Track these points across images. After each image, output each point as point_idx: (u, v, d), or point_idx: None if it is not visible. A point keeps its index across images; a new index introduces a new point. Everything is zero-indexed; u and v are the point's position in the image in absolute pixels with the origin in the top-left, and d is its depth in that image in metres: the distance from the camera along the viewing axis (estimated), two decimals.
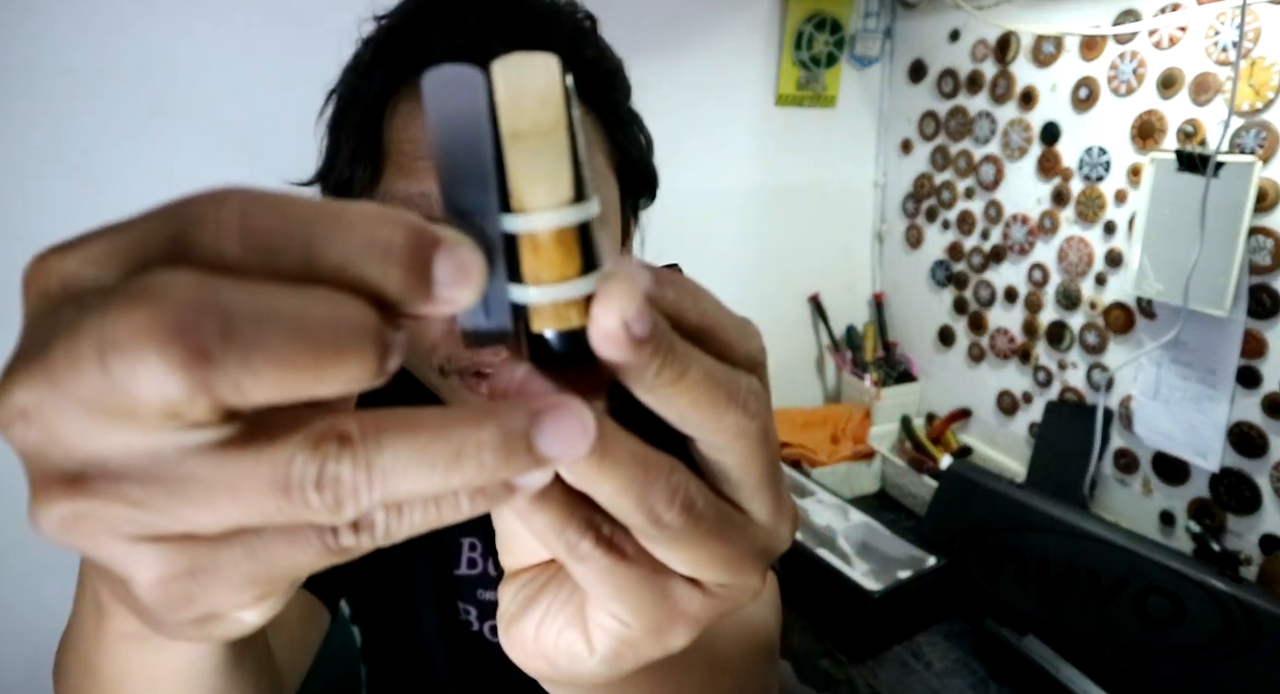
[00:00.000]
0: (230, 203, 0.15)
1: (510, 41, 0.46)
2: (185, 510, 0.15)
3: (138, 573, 0.16)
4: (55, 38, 0.86)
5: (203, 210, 0.15)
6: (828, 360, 1.57)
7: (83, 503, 0.15)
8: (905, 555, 1.05)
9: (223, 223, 0.15)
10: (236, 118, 0.96)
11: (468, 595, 0.63)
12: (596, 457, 0.18)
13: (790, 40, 1.32)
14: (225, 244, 0.15)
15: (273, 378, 0.14)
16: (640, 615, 0.21)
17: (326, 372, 0.14)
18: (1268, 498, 0.97)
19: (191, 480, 0.15)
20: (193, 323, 0.13)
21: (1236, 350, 0.96)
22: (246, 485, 0.15)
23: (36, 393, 0.14)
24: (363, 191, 0.48)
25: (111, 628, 0.24)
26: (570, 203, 0.17)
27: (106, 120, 0.90)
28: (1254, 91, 0.91)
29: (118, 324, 0.13)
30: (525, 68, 0.17)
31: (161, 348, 0.13)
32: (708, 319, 0.19)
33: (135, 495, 0.15)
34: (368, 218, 0.16)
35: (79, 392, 0.14)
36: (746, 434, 0.19)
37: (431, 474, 0.16)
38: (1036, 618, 0.98)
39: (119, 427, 0.14)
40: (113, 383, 0.13)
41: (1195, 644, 0.86)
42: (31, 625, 0.98)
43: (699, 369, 0.18)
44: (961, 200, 1.36)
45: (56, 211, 0.90)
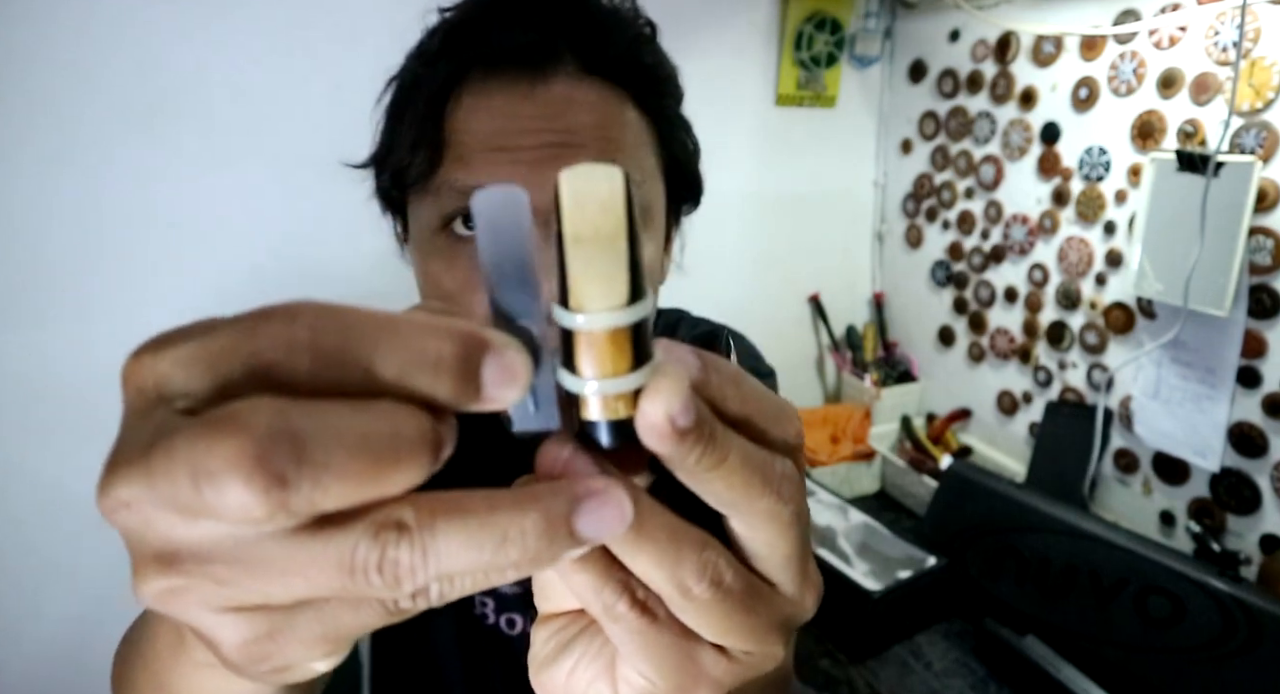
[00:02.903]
0: (302, 321, 0.18)
1: (575, 43, 0.47)
2: (263, 586, 0.17)
3: (223, 636, 0.19)
4: (55, 38, 0.86)
5: (278, 329, 0.18)
6: (828, 360, 1.57)
7: (175, 579, 0.18)
8: (905, 555, 1.05)
9: (295, 342, 0.17)
10: (236, 118, 0.96)
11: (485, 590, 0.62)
12: (633, 532, 0.19)
13: (790, 40, 1.32)
14: (297, 362, 0.17)
15: (341, 491, 0.16)
16: (666, 676, 0.22)
17: (387, 479, 0.17)
18: (1268, 498, 0.97)
19: (268, 562, 0.17)
20: (271, 452, 0.15)
21: (1236, 350, 0.96)
22: (316, 567, 0.17)
23: (136, 491, 0.17)
24: (419, 178, 0.49)
25: (191, 658, 0.26)
26: (625, 305, 0.19)
27: (106, 120, 0.90)
28: (1254, 91, 0.91)
29: (209, 453, 0.15)
30: (590, 177, 0.18)
31: (246, 477, 0.15)
32: (748, 406, 0.21)
33: (220, 574, 0.17)
34: (421, 330, 0.18)
35: (173, 499, 0.16)
36: (779, 517, 0.21)
37: (480, 555, 0.18)
38: (1036, 618, 0.98)
39: (206, 523, 0.17)
40: (203, 499, 0.16)
41: (1195, 644, 0.86)
42: (32, 630, 0.98)
43: (737, 456, 0.20)
44: (961, 200, 1.36)
45: (57, 211, 0.90)
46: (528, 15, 0.48)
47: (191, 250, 0.98)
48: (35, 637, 0.98)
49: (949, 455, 1.30)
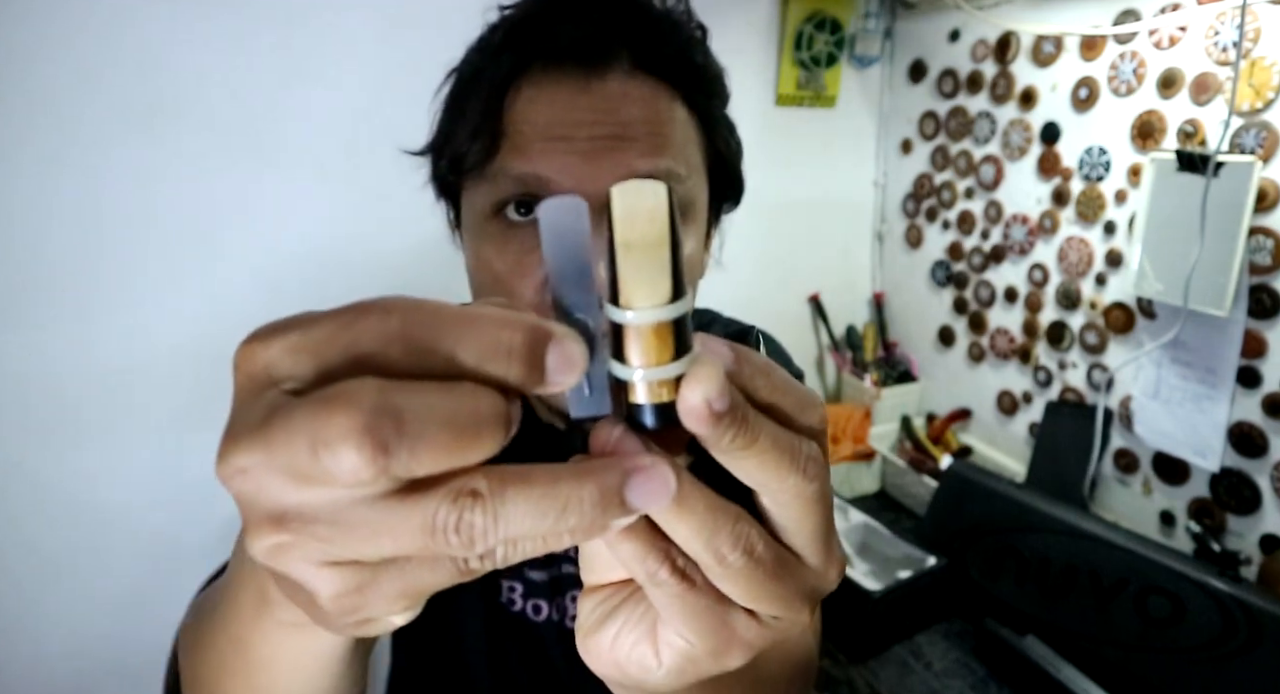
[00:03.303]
0: (395, 315, 0.20)
1: (629, 42, 0.50)
2: (358, 544, 0.20)
3: (321, 588, 0.22)
4: (55, 38, 0.86)
5: (374, 322, 0.20)
6: (828, 360, 1.57)
7: (284, 537, 0.20)
8: (905, 555, 1.05)
9: (389, 333, 0.20)
10: (236, 118, 0.96)
11: (513, 572, 0.62)
12: (675, 505, 0.22)
13: (790, 40, 1.32)
14: (391, 350, 0.20)
15: (431, 459, 0.19)
16: (703, 637, 0.25)
17: (470, 450, 0.20)
18: (1268, 498, 0.97)
19: (364, 523, 0.20)
20: (377, 424, 0.18)
21: (1237, 350, 0.96)
22: (403, 529, 0.20)
23: (253, 459, 0.20)
24: (475, 165, 0.50)
25: (273, 617, 0.29)
26: (667, 303, 0.22)
27: (106, 120, 0.90)
28: (1254, 91, 0.91)
29: (326, 424, 0.18)
30: (639, 192, 0.22)
31: (357, 445, 0.18)
32: (777, 394, 0.24)
33: (322, 533, 0.20)
34: (495, 322, 0.21)
35: (290, 465, 0.19)
36: (804, 494, 0.23)
37: (543, 522, 0.20)
38: (1036, 618, 0.98)
39: (314, 487, 0.20)
40: (319, 465, 0.19)
41: (1195, 644, 0.86)
42: (31, 630, 0.98)
43: (767, 437, 0.22)
44: (961, 200, 1.36)
45: (57, 212, 0.90)
46: (586, 14, 0.50)
47: (191, 250, 0.98)
48: (35, 637, 0.98)
49: (949, 455, 1.30)
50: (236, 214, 0.99)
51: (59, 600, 0.99)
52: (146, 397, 0.99)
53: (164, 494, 1.02)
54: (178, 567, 0.93)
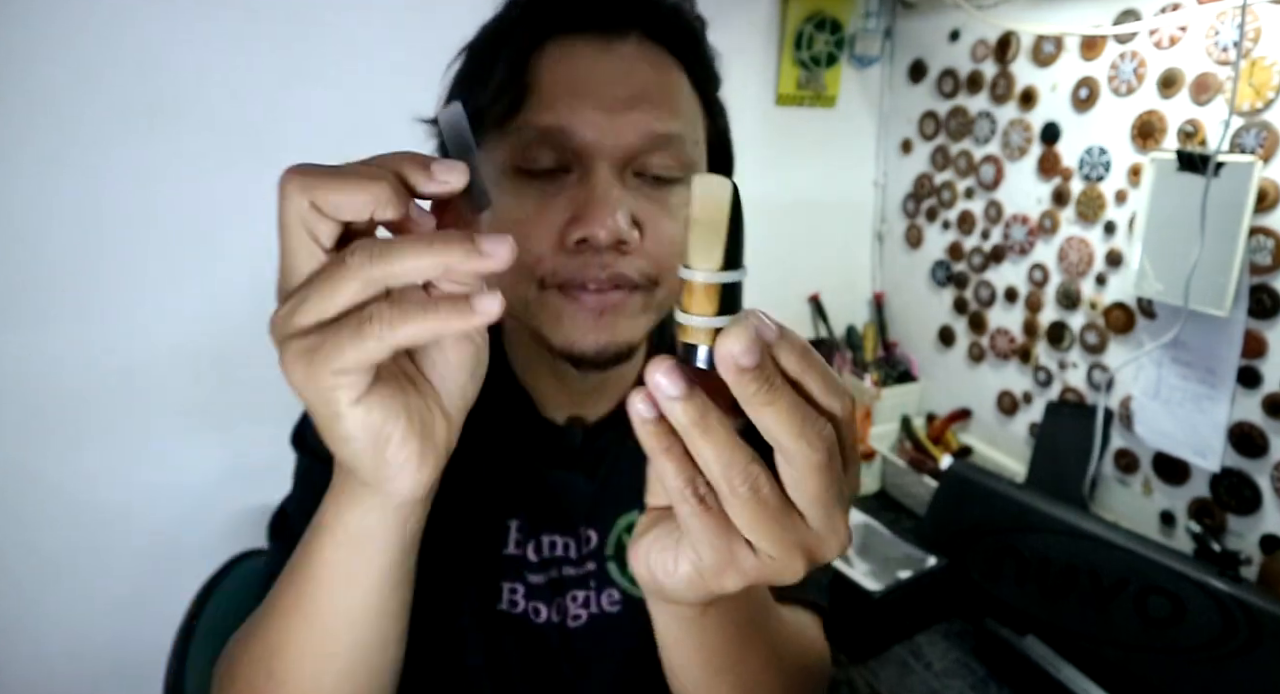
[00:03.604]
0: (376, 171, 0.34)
1: (644, 14, 0.54)
2: (325, 300, 0.32)
3: (288, 351, 0.33)
4: (55, 38, 0.86)
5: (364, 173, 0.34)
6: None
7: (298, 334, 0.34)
8: (905, 555, 1.05)
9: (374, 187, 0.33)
10: (237, 118, 0.96)
11: (514, 574, 0.63)
12: (702, 429, 0.28)
13: (790, 40, 1.32)
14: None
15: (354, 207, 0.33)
16: (707, 555, 0.31)
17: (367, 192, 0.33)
18: (1268, 498, 0.97)
19: (316, 282, 0.33)
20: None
21: (1237, 350, 0.96)
22: (334, 275, 0.32)
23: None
24: (498, 120, 0.53)
25: (325, 540, 0.41)
26: (719, 269, 0.28)
27: (106, 120, 0.90)
28: (1254, 91, 0.91)
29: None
30: (711, 183, 0.28)
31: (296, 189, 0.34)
32: (805, 374, 0.29)
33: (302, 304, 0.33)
34: (403, 157, 0.34)
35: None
36: (809, 459, 0.28)
37: (420, 260, 0.31)
38: (1037, 618, 0.98)
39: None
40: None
41: (1195, 644, 0.86)
42: (31, 630, 0.98)
43: (785, 400, 0.28)
44: (961, 200, 1.36)
45: (57, 211, 0.90)
46: None
47: (191, 250, 0.98)
48: (35, 636, 0.98)
49: (949, 455, 1.30)
50: (236, 214, 0.99)
51: (59, 600, 0.99)
52: (146, 397, 0.99)
53: (164, 494, 1.02)
54: (178, 567, 0.92)
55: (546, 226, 0.51)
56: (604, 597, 0.65)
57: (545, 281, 0.53)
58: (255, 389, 0.99)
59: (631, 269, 0.52)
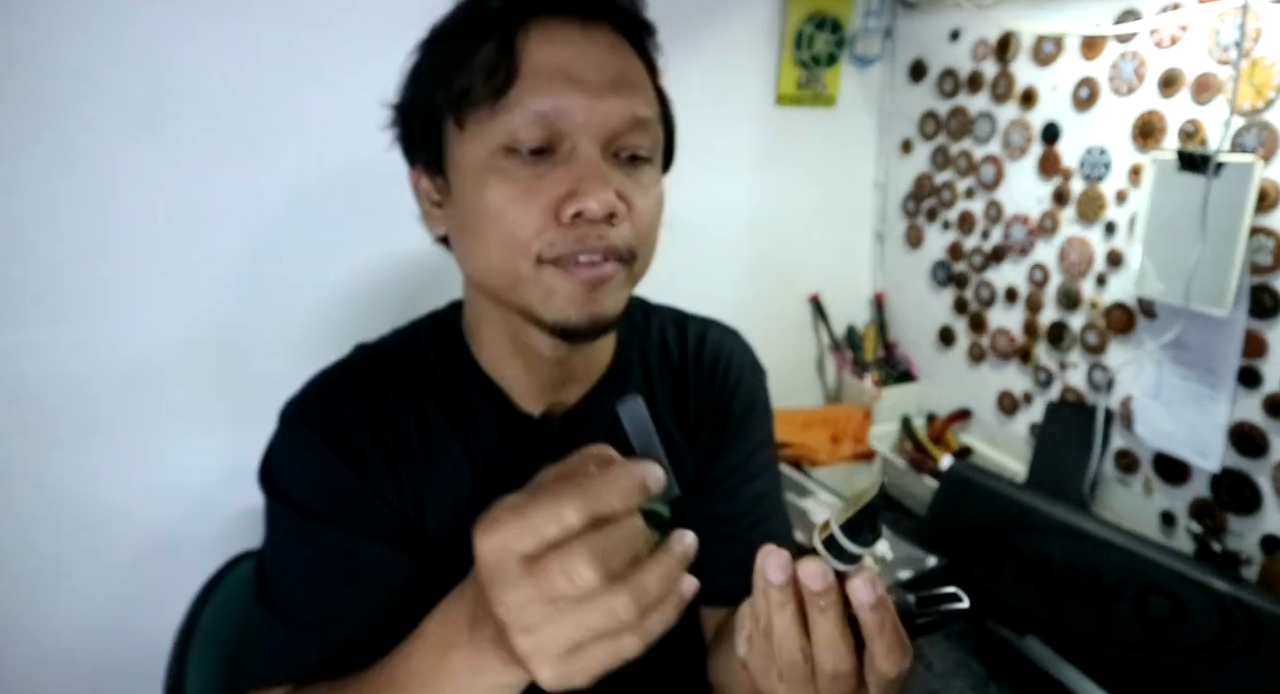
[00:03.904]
0: (570, 505, 0.39)
1: (612, 5, 0.57)
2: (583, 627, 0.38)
3: (547, 663, 0.40)
4: (55, 37, 0.86)
5: (568, 510, 0.38)
6: (828, 360, 1.57)
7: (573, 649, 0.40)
8: (905, 556, 1.05)
9: (573, 519, 0.39)
10: (237, 117, 0.96)
11: None
12: (819, 609, 0.41)
13: (790, 39, 1.32)
14: (577, 522, 0.39)
15: (621, 563, 0.40)
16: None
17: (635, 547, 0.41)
18: (1268, 498, 0.97)
19: (587, 612, 0.38)
20: (598, 556, 0.38)
21: (1237, 350, 0.96)
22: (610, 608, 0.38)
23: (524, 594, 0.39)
24: (485, 100, 0.54)
25: (449, 685, 0.47)
26: (856, 539, 0.42)
27: (106, 120, 0.90)
28: (1255, 91, 0.91)
29: (572, 560, 0.38)
30: (859, 482, 0.38)
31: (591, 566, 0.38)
32: (876, 635, 0.40)
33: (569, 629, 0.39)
34: (619, 483, 0.40)
35: (550, 591, 0.38)
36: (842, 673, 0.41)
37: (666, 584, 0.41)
38: (1037, 618, 0.98)
39: (564, 604, 0.38)
40: (571, 584, 0.38)
41: (1196, 645, 0.86)
42: (30, 631, 0.98)
43: (834, 618, 0.40)
44: (962, 200, 1.36)
45: (57, 211, 0.90)
46: None
47: (191, 251, 0.98)
48: (33, 637, 0.98)
49: (949, 455, 1.30)
50: (237, 214, 0.99)
51: (59, 601, 0.99)
52: (147, 397, 0.99)
53: (164, 494, 1.02)
54: (178, 567, 0.92)
55: (540, 202, 0.54)
56: None
57: (542, 256, 0.55)
58: (255, 389, 0.99)
59: (620, 240, 0.56)
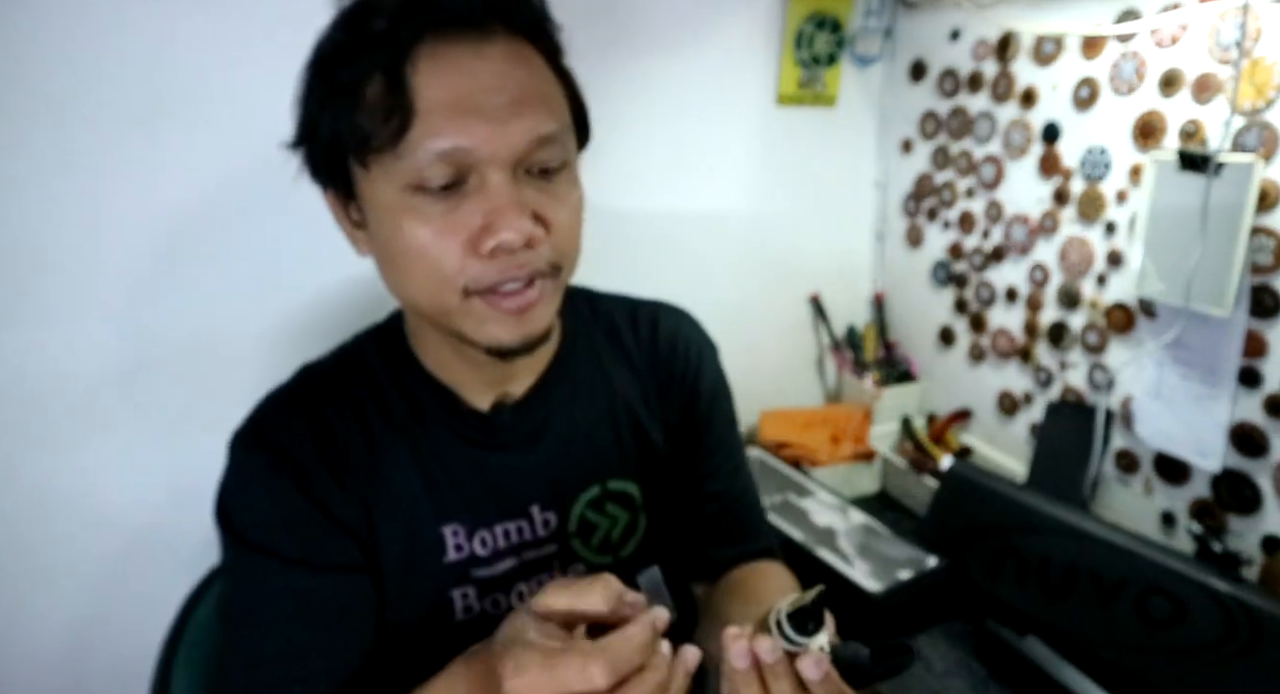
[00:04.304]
0: (596, 667, 0.44)
1: (502, 7, 0.54)
2: None
3: None
4: (54, 37, 0.86)
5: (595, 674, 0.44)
6: (828, 360, 1.57)
7: None
8: (906, 556, 1.05)
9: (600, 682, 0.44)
10: (236, 117, 0.96)
11: (460, 580, 0.65)
12: (774, 676, 0.48)
13: (791, 39, 1.32)
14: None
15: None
16: None
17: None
18: (1269, 498, 0.96)
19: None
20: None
21: (1238, 350, 0.96)
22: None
23: None
24: (387, 145, 0.52)
25: None
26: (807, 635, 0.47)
27: (106, 120, 0.89)
28: (1255, 91, 0.91)
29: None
30: (799, 600, 0.47)
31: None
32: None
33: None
34: (633, 644, 0.45)
35: None
36: None
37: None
38: (1037, 619, 0.97)
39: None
40: None
41: (1196, 645, 0.86)
42: (28, 631, 0.98)
43: (786, 685, 0.47)
44: (962, 200, 1.36)
45: (56, 211, 0.90)
46: None
47: (191, 251, 0.98)
48: (31, 638, 0.98)
49: (949, 456, 1.30)
50: (237, 213, 0.99)
51: (56, 602, 0.99)
52: (146, 397, 0.99)
53: (164, 495, 1.02)
54: (177, 567, 0.92)
55: (458, 239, 0.53)
56: (570, 574, 0.68)
57: (468, 289, 0.55)
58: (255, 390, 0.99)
59: (542, 261, 0.56)
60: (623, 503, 0.71)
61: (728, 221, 1.39)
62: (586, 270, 0.78)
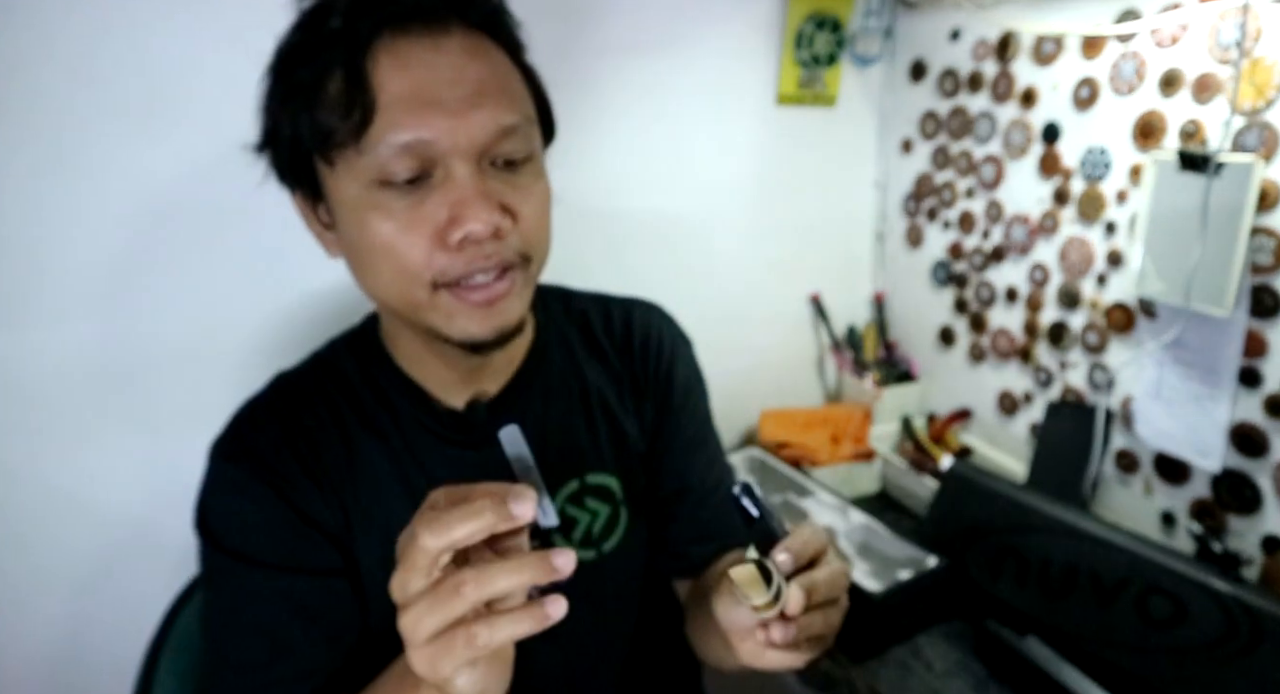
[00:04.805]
0: (438, 529, 0.43)
1: (458, 8, 0.54)
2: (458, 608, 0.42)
3: (419, 655, 0.43)
4: (52, 36, 0.85)
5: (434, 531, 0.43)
6: (828, 360, 1.57)
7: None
8: (906, 556, 1.05)
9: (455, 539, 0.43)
10: (236, 117, 0.96)
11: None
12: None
13: (791, 39, 1.32)
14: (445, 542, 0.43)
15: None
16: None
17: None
18: (1269, 498, 0.96)
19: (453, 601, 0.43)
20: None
21: (1238, 350, 0.96)
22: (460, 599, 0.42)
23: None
24: (349, 140, 0.53)
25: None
26: (767, 596, 0.49)
27: (105, 119, 0.89)
28: (1255, 91, 0.91)
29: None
30: (740, 571, 0.49)
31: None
32: (820, 591, 0.51)
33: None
34: (481, 505, 0.43)
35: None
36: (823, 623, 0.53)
37: (509, 580, 0.43)
38: (1037, 619, 0.97)
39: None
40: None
41: (1197, 645, 0.86)
42: (28, 631, 0.98)
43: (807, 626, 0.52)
44: (962, 200, 1.36)
45: (54, 211, 0.90)
46: None
47: (191, 251, 0.98)
48: (31, 637, 0.98)
49: (949, 456, 1.30)
50: (237, 213, 0.99)
51: (58, 601, 0.98)
52: (146, 396, 0.99)
53: (164, 495, 1.02)
54: (177, 568, 0.92)
55: (425, 232, 0.54)
56: None
57: (436, 282, 0.55)
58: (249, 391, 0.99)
59: (510, 252, 0.56)
60: (602, 497, 0.72)
61: (728, 221, 1.39)
62: (587, 270, 0.78)
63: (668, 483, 0.76)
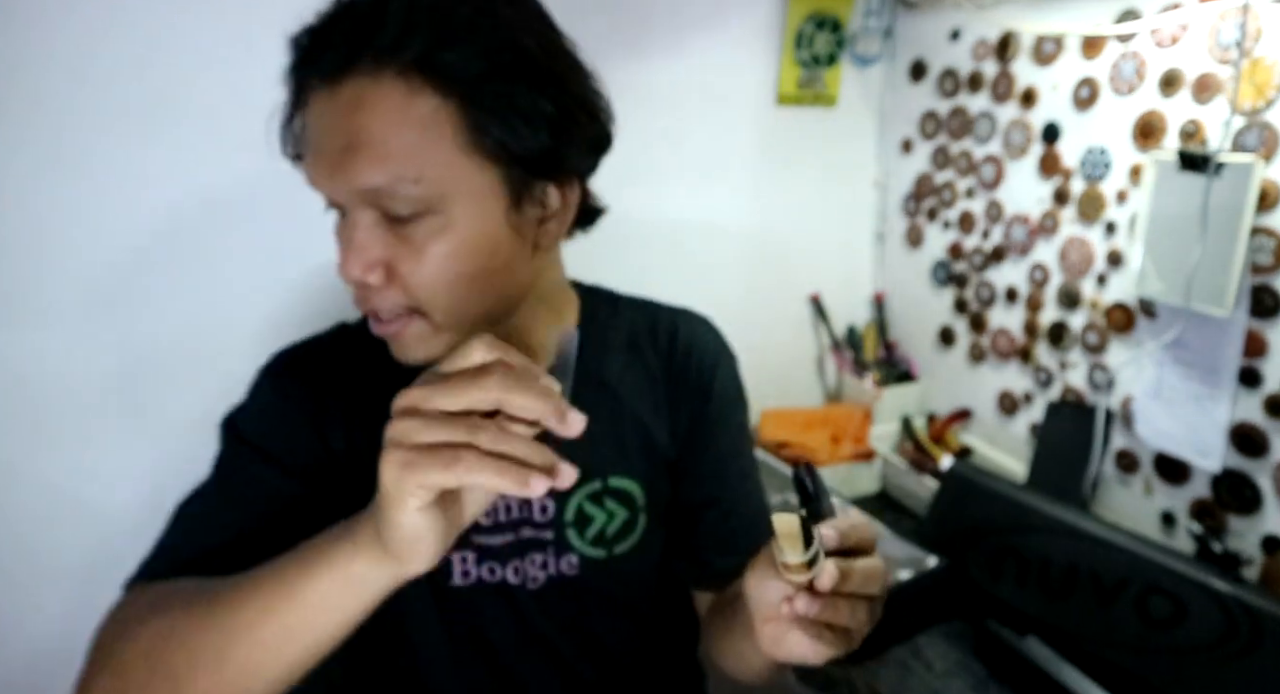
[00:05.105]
0: (489, 384, 0.43)
1: (372, 41, 0.51)
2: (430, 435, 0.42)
3: (392, 456, 0.43)
4: (52, 36, 0.85)
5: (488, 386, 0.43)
6: (828, 360, 1.57)
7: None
8: (906, 556, 1.05)
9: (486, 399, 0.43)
10: (236, 116, 0.96)
11: (460, 543, 0.66)
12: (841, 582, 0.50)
13: (791, 39, 1.32)
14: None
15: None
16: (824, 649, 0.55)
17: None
18: (1269, 498, 0.96)
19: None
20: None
21: (1238, 350, 0.96)
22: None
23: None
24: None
25: (324, 575, 0.48)
26: (804, 560, 0.48)
27: (105, 119, 0.89)
28: (1255, 91, 0.91)
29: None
30: (785, 519, 0.47)
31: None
32: (854, 583, 0.53)
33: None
34: (539, 392, 0.44)
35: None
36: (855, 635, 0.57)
37: (526, 398, 0.43)
38: (1037, 619, 0.97)
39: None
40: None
41: (1197, 645, 0.86)
42: (28, 631, 0.98)
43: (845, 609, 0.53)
44: (962, 200, 1.36)
45: (54, 211, 0.90)
46: (329, 21, 0.54)
47: (191, 251, 0.98)
48: (31, 636, 0.98)
49: (949, 455, 1.30)
50: (238, 213, 0.99)
51: (55, 602, 0.98)
52: (147, 396, 0.99)
53: (164, 495, 1.02)
54: None
55: (345, 261, 0.56)
56: (563, 562, 0.69)
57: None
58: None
59: (389, 303, 0.56)
60: (623, 500, 0.72)
61: (728, 221, 1.39)
62: (588, 270, 0.78)
63: (696, 491, 0.76)
